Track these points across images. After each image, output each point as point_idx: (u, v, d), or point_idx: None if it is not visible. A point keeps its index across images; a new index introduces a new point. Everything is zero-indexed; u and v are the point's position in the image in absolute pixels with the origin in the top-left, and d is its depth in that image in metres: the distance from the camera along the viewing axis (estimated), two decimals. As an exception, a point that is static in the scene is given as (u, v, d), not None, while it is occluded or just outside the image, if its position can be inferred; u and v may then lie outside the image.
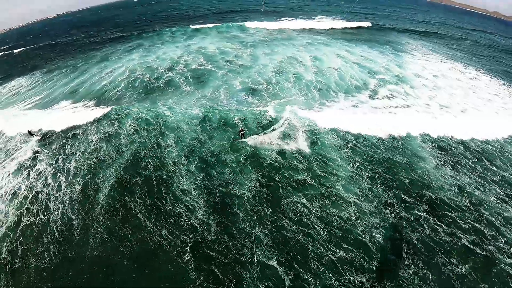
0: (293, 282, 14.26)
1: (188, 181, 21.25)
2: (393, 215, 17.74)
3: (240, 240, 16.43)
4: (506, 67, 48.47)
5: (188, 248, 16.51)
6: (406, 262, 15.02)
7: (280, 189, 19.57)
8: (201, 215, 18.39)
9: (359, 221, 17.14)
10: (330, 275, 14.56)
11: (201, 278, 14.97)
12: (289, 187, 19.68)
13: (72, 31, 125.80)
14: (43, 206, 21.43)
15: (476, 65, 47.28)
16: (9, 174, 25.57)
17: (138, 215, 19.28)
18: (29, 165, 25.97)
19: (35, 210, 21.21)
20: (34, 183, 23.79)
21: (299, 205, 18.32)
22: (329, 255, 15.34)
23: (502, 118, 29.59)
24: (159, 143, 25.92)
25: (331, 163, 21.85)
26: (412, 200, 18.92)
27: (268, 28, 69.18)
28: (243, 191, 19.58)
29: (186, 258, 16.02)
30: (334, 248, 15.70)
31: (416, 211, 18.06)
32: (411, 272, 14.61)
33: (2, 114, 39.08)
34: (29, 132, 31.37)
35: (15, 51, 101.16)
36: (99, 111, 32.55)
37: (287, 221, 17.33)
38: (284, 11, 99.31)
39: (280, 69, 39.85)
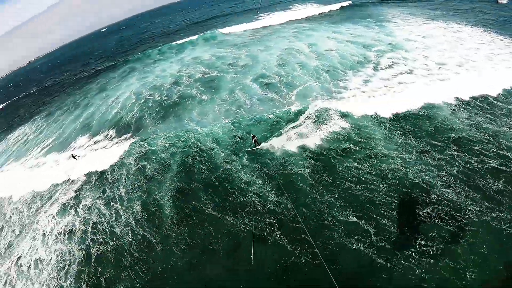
0: (376, 229, 17.72)
1: (247, 173, 24.12)
2: (431, 158, 21.62)
3: (317, 208, 19.65)
4: (481, 15, 53.12)
5: (275, 227, 19.22)
6: (456, 190, 18.97)
7: (332, 159, 23.09)
8: (273, 198, 21.27)
9: (407, 169, 20.91)
10: (402, 215, 18.42)
11: (298, 247, 17.63)
12: (338, 156, 23.22)
13: (53, 72, 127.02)
14: (108, 234, 22.97)
15: (455, 19, 51.55)
16: (53, 216, 27.17)
17: (214, 213, 21.61)
18: (73, 203, 27.70)
19: (101, 239, 22.76)
20: (87, 217, 25.37)
21: (353, 168, 21.97)
22: (394, 201, 19.20)
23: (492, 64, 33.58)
24: (201, 149, 28.54)
25: (365, 130, 25.69)
26: (441, 144, 22.71)
27: (252, 28, 72.53)
28: (301, 169, 23.10)
29: (278, 236, 18.59)
30: (396, 194, 19.48)
31: (448, 151, 21.91)
32: (463, 196, 18.54)
33: (23, 167, 41.16)
34: (72, 155, 34.04)
35: (0, 106, 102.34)
36: (124, 137, 35.33)
37: (348, 183, 20.81)
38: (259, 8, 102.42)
39: (282, 61, 43.40)
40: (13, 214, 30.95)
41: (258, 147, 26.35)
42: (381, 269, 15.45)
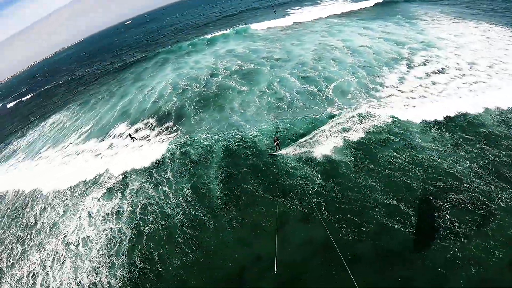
0: (414, 211, 20.15)
1: (293, 160, 26.59)
2: (464, 151, 24.44)
3: (360, 191, 22.29)
4: (508, 14, 54.63)
5: (322, 207, 21.73)
6: (487, 181, 21.44)
7: (372, 148, 26.04)
8: (319, 181, 23.90)
9: (442, 160, 23.68)
10: (437, 200, 21.21)
11: (344, 226, 20.23)
12: (378, 146, 26.05)
13: (82, 63, 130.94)
14: (159, 214, 25.11)
15: (485, 19, 53.07)
16: (98, 199, 29.66)
17: (264, 195, 23.96)
18: (119, 187, 30.08)
19: (151, 219, 24.89)
20: (135, 200, 27.56)
21: (392, 157, 24.71)
22: (431, 187, 21.96)
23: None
24: (244, 136, 31.05)
25: (400, 123, 28.44)
26: (473, 138, 25.36)
27: (282, 22, 73.92)
28: (344, 157, 25.80)
29: (326, 214, 21.17)
30: (433, 181, 21.99)
31: (478, 145, 24.66)
32: (492, 186, 20.80)
33: (61, 153, 44.60)
34: (130, 135, 37.13)
35: (29, 95, 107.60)
36: (166, 126, 38.21)
37: (388, 171, 23.36)
38: (288, 3, 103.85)
39: (317, 56, 45.83)
40: (55, 197, 33.76)
41: (280, 152, 27.04)
42: (420, 247, 18.16)
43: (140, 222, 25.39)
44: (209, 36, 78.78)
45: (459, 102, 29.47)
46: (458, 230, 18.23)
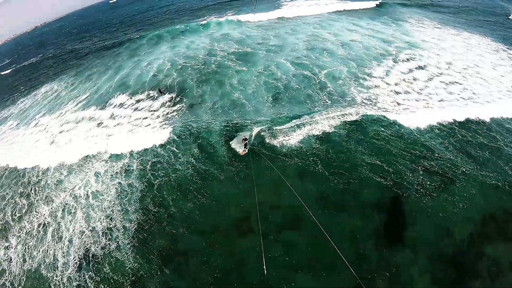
0: (394, 170, 24.79)
1: (292, 124, 31.50)
2: (438, 130, 28.59)
3: (350, 154, 26.41)
4: (490, 27, 60.32)
5: (318, 164, 26.17)
6: (454, 154, 26.05)
7: (363, 123, 30.25)
8: (316, 145, 27.76)
9: (420, 135, 27.79)
10: (414, 163, 25.63)
11: (336, 178, 24.48)
12: (368, 123, 30.09)
13: (69, 38, 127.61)
14: (169, 169, 28.34)
15: (465, 28, 58.37)
16: (106, 161, 32.03)
17: (268, 153, 27.93)
18: (127, 150, 32.31)
19: (162, 174, 28.18)
20: (144, 158, 30.55)
21: (379, 131, 28.89)
22: (408, 154, 26.36)
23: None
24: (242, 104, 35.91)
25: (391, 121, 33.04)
26: (446, 122, 30.32)
27: (277, 14, 76.39)
28: (339, 130, 29.69)
29: (320, 170, 26.28)
30: (411, 150, 26.16)
31: (450, 126, 29.36)
32: (459, 158, 25.86)
33: (59, 120, 45.67)
34: (159, 90, 40.53)
35: (14, 67, 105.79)
36: (169, 97, 41.29)
37: (374, 140, 27.62)
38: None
39: (310, 46, 49.70)
40: (59, 164, 34.45)
41: (245, 151, 27.96)
42: (395, 197, 22.71)
43: (151, 176, 28.16)
44: (203, 21, 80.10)
45: (439, 99, 34.13)
46: (428, 186, 22.94)
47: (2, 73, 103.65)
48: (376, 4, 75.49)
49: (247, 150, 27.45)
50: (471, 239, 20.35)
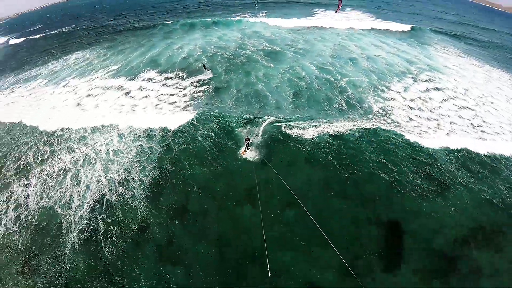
0: (397, 169, 27.39)
1: (303, 108, 33.93)
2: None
3: (359, 151, 28.62)
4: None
5: (329, 155, 28.65)
6: (456, 166, 28.43)
7: (376, 130, 32.72)
8: (328, 139, 30.53)
9: (428, 146, 30.70)
10: (416, 168, 27.91)
11: (342, 168, 26.96)
12: (381, 130, 32.78)
13: (103, 13, 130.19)
14: (189, 139, 30.72)
15: (489, 61, 60.56)
16: (130, 126, 34.57)
17: (282, 139, 30.64)
18: (151, 118, 35.27)
19: (182, 141, 30.81)
20: (167, 127, 33.13)
21: (390, 137, 31.27)
22: (413, 159, 28.58)
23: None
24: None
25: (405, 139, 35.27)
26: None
27: (308, 22, 77.49)
28: (352, 132, 32.35)
29: (330, 160, 28.90)
30: (416, 156, 28.61)
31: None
32: (463, 173, 28.10)
33: (88, 84, 48.08)
34: (204, 66, 43.58)
35: (46, 32, 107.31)
36: (197, 79, 43.64)
37: (384, 144, 30.06)
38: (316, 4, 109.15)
39: (336, 54, 51.90)
40: (82, 121, 36.71)
41: (246, 152, 28.49)
42: (396, 192, 25.01)
43: (171, 142, 30.68)
44: (236, 17, 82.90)
45: (450, 121, 35.96)
46: (426, 188, 25.16)
47: (35, 36, 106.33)
48: (409, 28, 76.30)
49: (248, 150, 28.19)
50: (457, 241, 22.39)
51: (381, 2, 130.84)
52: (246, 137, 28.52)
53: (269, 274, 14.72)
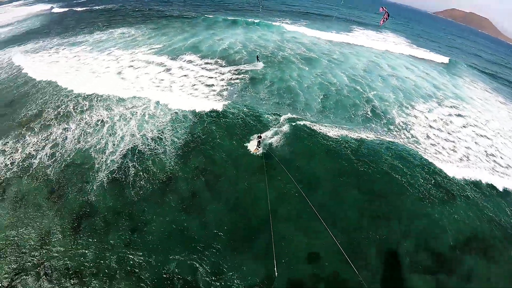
0: (410, 174, 29.76)
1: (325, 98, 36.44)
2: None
3: (376, 153, 31.09)
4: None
5: (348, 150, 31.33)
6: (466, 183, 30.62)
7: (395, 142, 35.10)
8: (349, 139, 33.40)
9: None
10: (427, 176, 30.17)
11: (359, 163, 29.21)
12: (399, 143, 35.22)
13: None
14: (221, 115, 33.83)
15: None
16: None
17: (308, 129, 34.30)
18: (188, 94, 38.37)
19: (215, 117, 33.95)
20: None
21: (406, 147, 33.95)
22: (426, 169, 30.96)
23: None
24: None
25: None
26: (466, 162, 34.57)
27: (346, 38, 79.56)
28: (372, 139, 34.92)
29: (349, 153, 31.39)
30: (428, 167, 31.39)
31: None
32: (472, 189, 30.15)
33: (131, 56, 51.34)
34: (257, 57, 47.49)
35: (93, 5, 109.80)
36: (235, 68, 46.57)
37: (400, 152, 32.96)
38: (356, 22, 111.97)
39: (368, 69, 54.37)
40: (121, 87, 39.30)
41: (258, 150, 28.59)
42: (403, 192, 27.19)
43: (204, 115, 33.20)
44: (277, 21, 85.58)
45: (466, 145, 38.02)
46: (433, 193, 27.26)
47: (80, 8, 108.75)
48: (447, 61, 77.31)
49: (260, 149, 28.24)
50: (453, 245, 24.22)
51: (420, 30, 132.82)
52: (259, 135, 29.00)
53: (276, 274, 15.99)
